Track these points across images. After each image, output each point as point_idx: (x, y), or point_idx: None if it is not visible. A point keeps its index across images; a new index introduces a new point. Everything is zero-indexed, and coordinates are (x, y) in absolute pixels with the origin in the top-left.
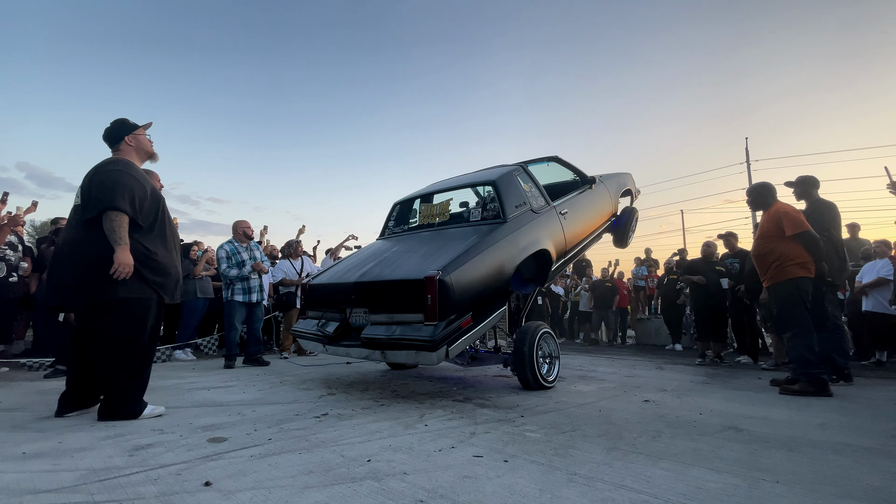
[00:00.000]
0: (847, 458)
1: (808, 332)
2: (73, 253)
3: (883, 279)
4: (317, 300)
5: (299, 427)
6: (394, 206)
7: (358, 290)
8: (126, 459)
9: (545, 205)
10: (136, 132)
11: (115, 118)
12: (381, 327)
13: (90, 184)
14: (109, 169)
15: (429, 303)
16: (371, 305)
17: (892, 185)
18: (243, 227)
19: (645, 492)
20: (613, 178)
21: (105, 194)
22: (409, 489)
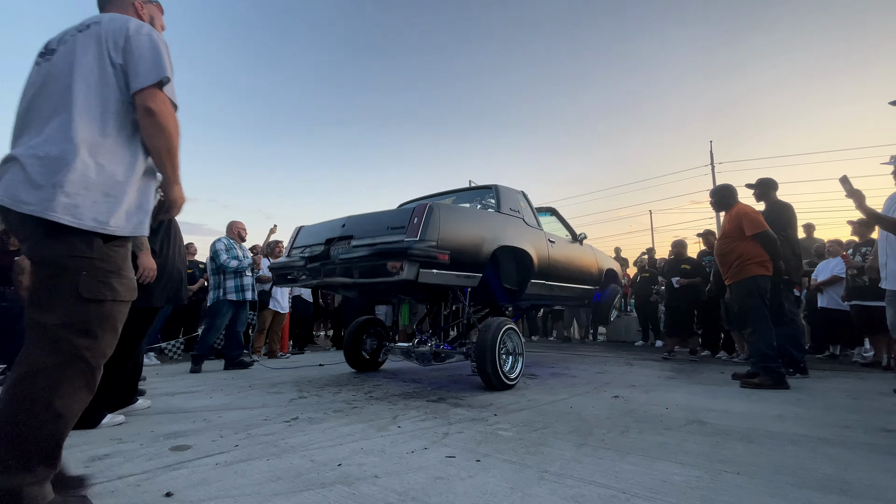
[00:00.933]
0: (803, 448)
1: (767, 327)
2: None
3: (836, 277)
4: (304, 239)
5: (268, 432)
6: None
7: (348, 222)
8: (82, 471)
9: (536, 226)
10: None
11: None
12: (361, 249)
13: None
14: None
15: (413, 222)
16: (356, 234)
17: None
18: (238, 227)
19: (613, 487)
20: (602, 253)
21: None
22: (379, 493)
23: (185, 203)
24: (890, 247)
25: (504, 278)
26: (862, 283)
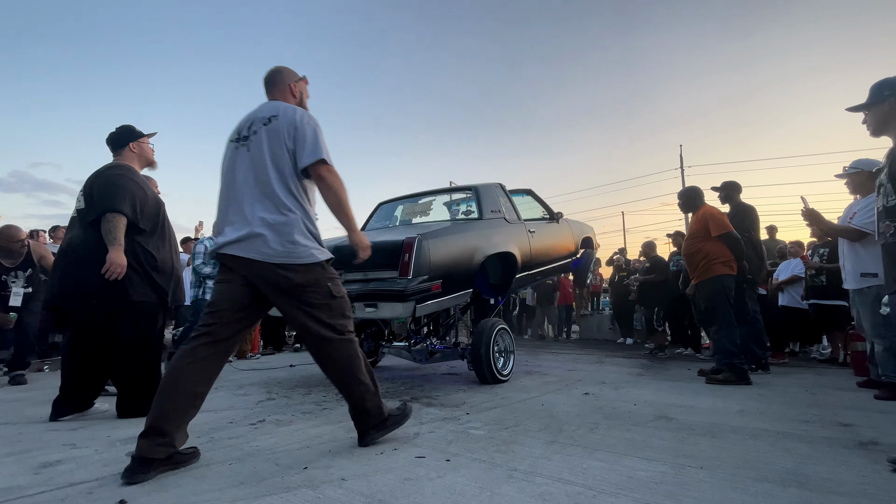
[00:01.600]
0: (763, 442)
1: (731, 325)
2: (80, 256)
3: (796, 276)
4: None
5: (232, 436)
6: (377, 206)
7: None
8: (30, 478)
9: (517, 220)
10: (140, 140)
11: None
12: (356, 284)
13: (92, 187)
14: (111, 174)
15: (405, 259)
16: (347, 267)
17: (806, 212)
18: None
19: (580, 484)
20: (577, 223)
21: (107, 197)
22: (345, 496)
23: (367, 245)
24: (847, 249)
25: (490, 277)
26: (820, 282)
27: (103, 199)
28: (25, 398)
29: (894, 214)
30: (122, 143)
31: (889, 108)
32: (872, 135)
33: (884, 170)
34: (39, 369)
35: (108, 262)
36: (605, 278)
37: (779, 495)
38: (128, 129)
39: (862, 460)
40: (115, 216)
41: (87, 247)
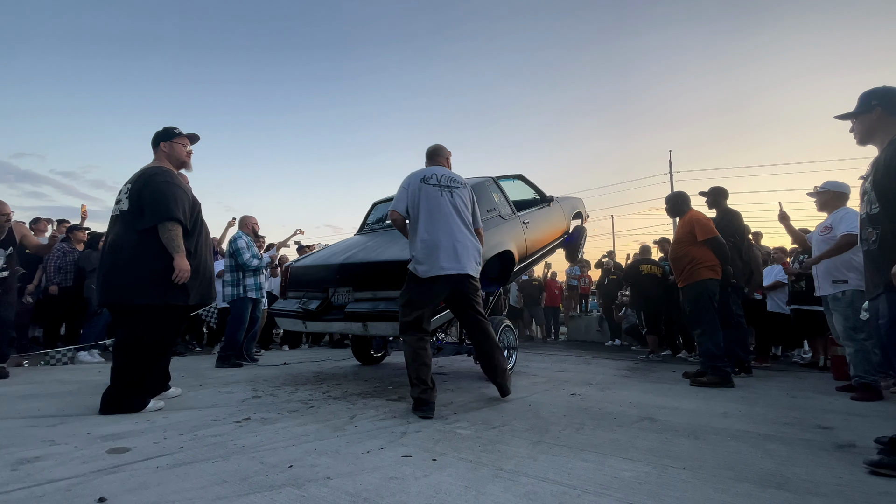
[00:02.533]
0: (745, 444)
1: (716, 329)
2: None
3: (779, 282)
4: (300, 281)
5: (216, 433)
6: (373, 205)
7: (343, 271)
8: (7, 474)
9: (511, 213)
10: (173, 140)
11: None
12: (365, 303)
13: (142, 194)
14: (159, 180)
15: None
16: (355, 284)
17: (782, 216)
18: (252, 222)
19: (565, 483)
20: (567, 200)
21: (161, 206)
22: (330, 494)
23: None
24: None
25: (489, 273)
26: (799, 288)
27: (157, 207)
28: (4, 393)
29: (877, 222)
30: (155, 142)
31: (876, 117)
32: (859, 143)
33: (868, 178)
34: (19, 364)
35: (176, 269)
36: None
37: (758, 496)
38: (164, 130)
39: (839, 462)
40: (173, 225)
41: (132, 249)
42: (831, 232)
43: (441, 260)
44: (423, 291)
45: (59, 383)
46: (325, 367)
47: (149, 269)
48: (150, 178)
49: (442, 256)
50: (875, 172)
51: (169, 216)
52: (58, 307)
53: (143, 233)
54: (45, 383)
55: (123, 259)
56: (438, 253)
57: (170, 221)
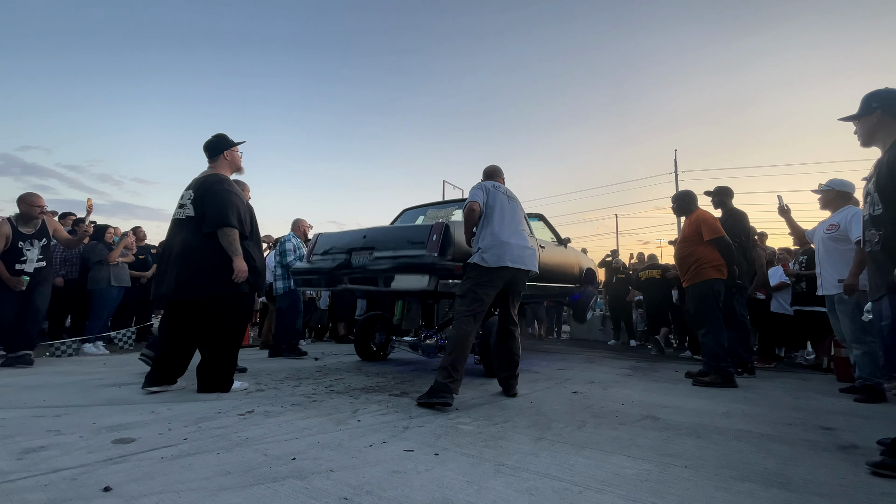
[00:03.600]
0: (747, 443)
1: (720, 329)
2: (192, 256)
3: (784, 283)
4: (325, 248)
5: (220, 425)
6: (402, 211)
7: (368, 236)
8: (13, 463)
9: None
10: (232, 149)
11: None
12: (384, 261)
13: (204, 201)
14: (219, 189)
15: (433, 238)
16: (378, 246)
17: (781, 209)
18: (305, 226)
19: (567, 479)
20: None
21: (221, 213)
22: (333, 487)
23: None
24: (823, 256)
25: None
26: (800, 289)
27: (217, 215)
28: (10, 383)
29: (880, 223)
30: (218, 151)
31: (877, 119)
32: (862, 145)
33: (871, 179)
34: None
35: (235, 270)
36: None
37: (761, 495)
38: (223, 139)
39: (842, 463)
40: (230, 230)
41: (200, 250)
42: (838, 230)
43: (508, 253)
44: (487, 281)
45: (65, 374)
46: (327, 361)
47: (217, 267)
48: (210, 187)
49: (509, 251)
50: (878, 174)
51: (227, 223)
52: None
53: (208, 235)
54: (51, 374)
55: (196, 260)
56: (507, 247)
57: (228, 227)
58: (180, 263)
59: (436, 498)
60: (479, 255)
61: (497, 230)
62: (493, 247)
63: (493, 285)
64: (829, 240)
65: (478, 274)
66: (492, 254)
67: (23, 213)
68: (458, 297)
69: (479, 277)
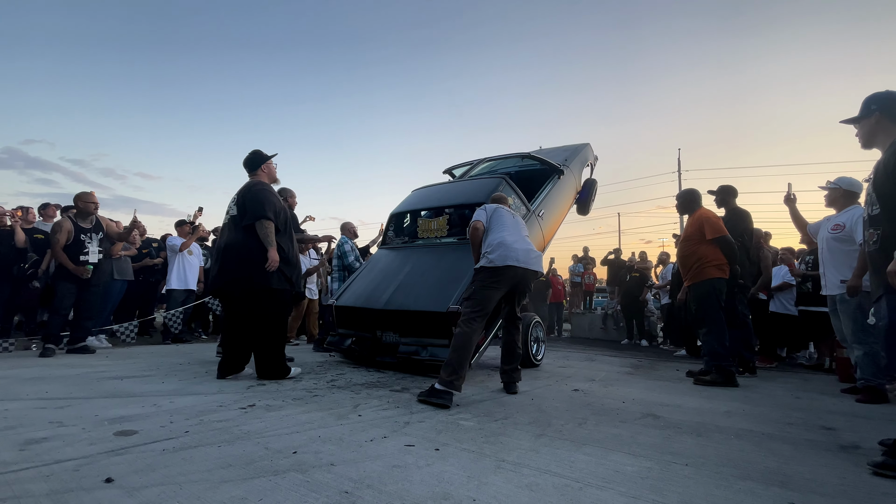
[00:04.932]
0: (748, 442)
1: (722, 328)
2: (236, 251)
3: (787, 283)
4: (348, 321)
5: (222, 419)
6: (390, 218)
7: (387, 317)
8: (16, 454)
9: (526, 212)
10: (268, 162)
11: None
12: (412, 347)
13: (244, 199)
14: (258, 189)
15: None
16: (401, 331)
17: (788, 198)
18: (353, 228)
19: (567, 476)
20: (577, 155)
21: (258, 208)
22: (334, 480)
23: None
24: (827, 256)
25: None
26: (806, 289)
27: (255, 208)
28: (13, 375)
29: (878, 223)
30: (256, 166)
31: (875, 121)
32: (863, 147)
33: (870, 180)
34: (27, 347)
35: (269, 259)
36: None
37: (761, 493)
38: (259, 155)
39: (843, 462)
40: (266, 222)
41: (243, 246)
42: (844, 230)
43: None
44: (493, 282)
45: (67, 367)
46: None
47: (255, 262)
48: (250, 188)
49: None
50: (876, 175)
51: (264, 215)
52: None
53: (247, 231)
54: (53, 367)
55: (240, 256)
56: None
57: (264, 219)
58: (224, 258)
59: (436, 493)
60: (485, 259)
61: (501, 236)
62: (499, 248)
63: (498, 286)
64: (834, 240)
65: (484, 276)
66: (497, 255)
67: (80, 209)
68: (465, 299)
69: (486, 279)
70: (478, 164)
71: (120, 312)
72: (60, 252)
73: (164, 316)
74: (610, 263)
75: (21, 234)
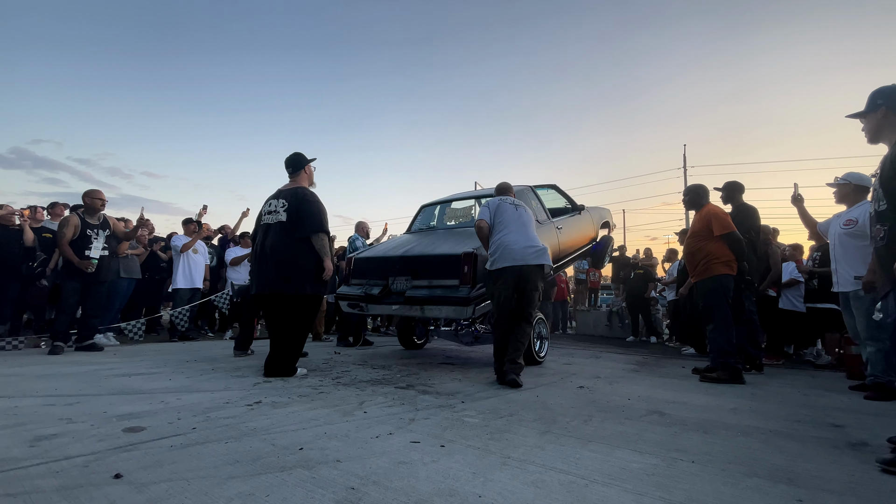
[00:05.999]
0: (755, 439)
1: (728, 325)
2: (286, 257)
3: (795, 280)
4: (362, 270)
5: (228, 415)
6: (420, 208)
7: (403, 262)
8: (26, 450)
9: (547, 219)
10: (309, 165)
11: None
12: (422, 290)
13: (299, 209)
14: (312, 200)
15: (465, 271)
16: (413, 274)
17: (795, 197)
18: (366, 227)
19: (573, 473)
20: (597, 210)
21: (317, 221)
22: (340, 476)
23: None
24: (840, 253)
25: None
26: (812, 286)
27: (313, 222)
28: (23, 373)
29: (884, 218)
30: (300, 167)
31: (882, 116)
32: (869, 142)
33: (877, 175)
34: (36, 345)
35: (326, 269)
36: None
37: (768, 490)
38: (301, 157)
39: (852, 460)
40: (324, 236)
41: (293, 253)
42: (857, 226)
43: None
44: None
45: (76, 364)
46: (334, 355)
47: (305, 267)
48: (304, 197)
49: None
50: (882, 170)
51: (323, 229)
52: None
53: (298, 240)
54: (62, 364)
55: (287, 260)
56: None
57: (323, 233)
58: (272, 263)
59: (442, 489)
60: (489, 261)
61: (500, 237)
62: (496, 251)
63: (503, 285)
64: (846, 235)
65: (490, 278)
66: (496, 257)
67: (87, 205)
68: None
69: (492, 281)
70: None
71: (127, 310)
72: (66, 246)
73: (170, 314)
74: (614, 260)
75: (30, 233)
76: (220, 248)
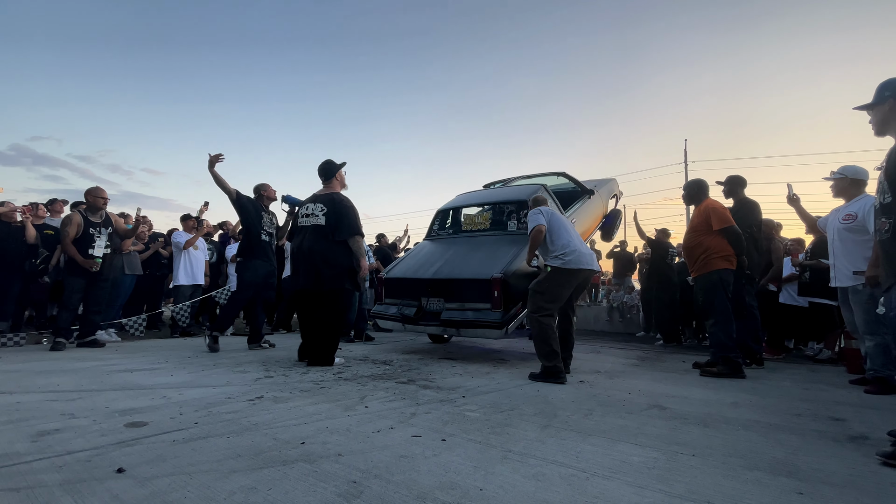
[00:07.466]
0: (755, 433)
1: (728, 319)
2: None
3: (794, 275)
4: (395, 290)
5: (230, 410)
6: (437, 213)
7: (434, 285)
8: (28, 445)
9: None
10: (341, 170)
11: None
12: (455, 312)
13: (337, 214)
14: (348, 205)
15: (495, 296)
16: (446, 296)
17: (790, 198)
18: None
19: (574, 466)
20: (605, 185)
21: (354, 225)
22: (342, 470)
23: None
24: (838, 247)
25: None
26: (804, 279)
27: (350, 225)
28: (25, 369)
29: (889, 211)
30: (332, 173)
31: (889, 108)
32: (876, 134)
33: (882, 168)
34: (38, 341)
35: (362, 269)
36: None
37: (769, 483)
38: (333, 164)
39: (852, 453)
40: (360, 238)
41: (331, 253)
42: (856, 220)
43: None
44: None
45: (78, 360)
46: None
47: (343, 266)
48: (342, 202)
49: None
50: (888, 162)
51: (360, 233)
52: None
53: (336, 242)
54: (64, 360)
55: (327, 259)
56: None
57: (360, 236)
58: (315, 263)
59: (443, 482)
60: (559, 260)
61: (570, 240)
62: (573, 253)
63: (569, 285)
64: (846, 230)
65: (560, 276)
66: (572, 258)
67: (90, 203)
68: (538, 293)
69: (560, 278)
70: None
71: (128, 306)
72: (70, 245)
73: (172, 310)
74: (616, 256)
75: (32, 230)
76: (221, 245)
